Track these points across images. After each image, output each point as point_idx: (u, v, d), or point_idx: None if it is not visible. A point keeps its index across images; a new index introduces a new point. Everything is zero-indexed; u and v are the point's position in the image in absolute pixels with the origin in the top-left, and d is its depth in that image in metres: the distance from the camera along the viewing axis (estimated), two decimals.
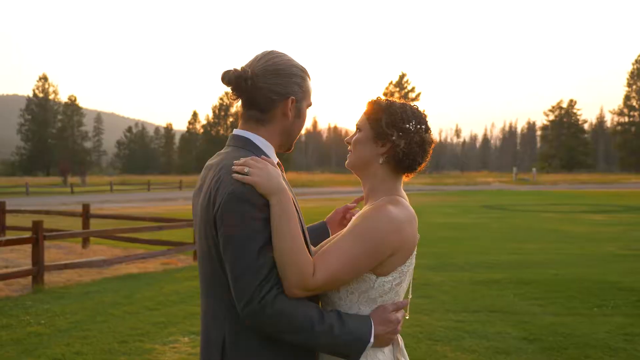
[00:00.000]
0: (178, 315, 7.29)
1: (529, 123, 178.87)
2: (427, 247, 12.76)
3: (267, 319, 1.68)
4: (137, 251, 12.36)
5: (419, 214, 1.97)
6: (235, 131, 1.99)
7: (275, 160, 1.98)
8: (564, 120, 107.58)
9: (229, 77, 1.89)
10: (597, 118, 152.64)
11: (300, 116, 2.00)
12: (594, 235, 16.20)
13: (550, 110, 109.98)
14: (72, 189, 48.85)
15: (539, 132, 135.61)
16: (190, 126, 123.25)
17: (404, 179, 2.07)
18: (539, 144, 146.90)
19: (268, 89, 1.89)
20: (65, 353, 5.83)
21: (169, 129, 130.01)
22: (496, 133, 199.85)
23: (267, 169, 1.77)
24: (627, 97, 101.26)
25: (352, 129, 2.12)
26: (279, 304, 1.68)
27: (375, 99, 2.05)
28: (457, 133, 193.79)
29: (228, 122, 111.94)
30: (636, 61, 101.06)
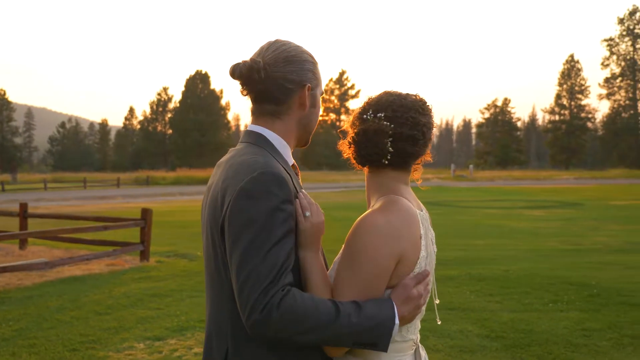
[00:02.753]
0: (130, 319, 6.97)
1: (464, 121, 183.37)
2: None
3: (274, 324, 1.50)
4: (80, 252, 11.85)
5: (362, 210, 1.84)
6: (249, 127, 1.84)
7: (291, 161, 1.82)
8: (499, 118, 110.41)
9: (240, 70, 1.74)
10: (530, 116, 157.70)
11: (316, 105, 1.87)
12: (536, 230, 16.64)
13: (486, 109, 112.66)
14: (2, 187, 46.87)
15: (474, 130, 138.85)
16: (127, 122, 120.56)
17: (415, 175, 1.94)
18: (474, 141, 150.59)
19: (282, 77, 1.75)
20: None
21: (104, 125, 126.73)
22: (433, 130, 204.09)
23: (321, 224, 1.69)
24: (558, 96, 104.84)
25: None
26: (285, 305, 1.50)
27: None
28: None
29: (166, 118, 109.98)
30: (567, 61, 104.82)
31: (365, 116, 1.82)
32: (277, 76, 1.75)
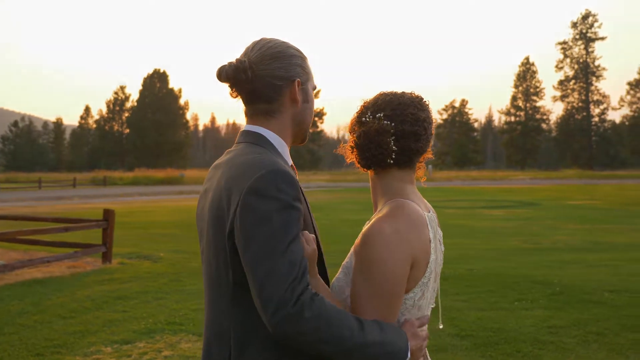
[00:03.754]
0: (95, 323, 6.82)
1: None
2: (338, 245, 12.75)
3: (306, 324, 1.43)
4: (39, 254, 11.55)
5: (320, 210, 1.83)
6: (246, 127, 1.80)
7: (290, 162, 1.80)
8: (457, 119, 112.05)
9: (226, 72, 1.72)
10: (487, 117, 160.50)
11: (308, 100, 1.84)
12: (497, 230, 16.92)
13: (444, 109, 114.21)
14: None
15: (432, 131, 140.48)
16: (83, 121, 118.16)
17: (419, 174, 1.94)
18: (432, 142, 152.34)
19: (270, 75, 1.73)
20: None
21: (58, 124, 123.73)
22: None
23: (313, 252, 1.66)
24: (514, 98, 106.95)
25: None
26: (317, 306, 1.45)
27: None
28: None
29: (123, 117, 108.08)
30: (522, 64, 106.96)
31: (364, 119, 1.81)
32: (265, 74, 1.72)
